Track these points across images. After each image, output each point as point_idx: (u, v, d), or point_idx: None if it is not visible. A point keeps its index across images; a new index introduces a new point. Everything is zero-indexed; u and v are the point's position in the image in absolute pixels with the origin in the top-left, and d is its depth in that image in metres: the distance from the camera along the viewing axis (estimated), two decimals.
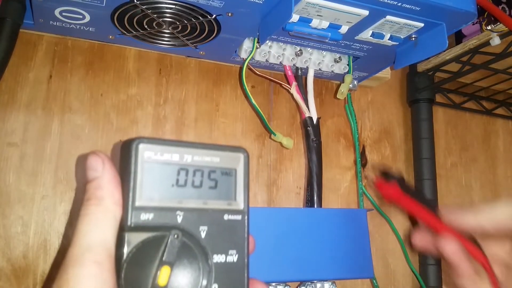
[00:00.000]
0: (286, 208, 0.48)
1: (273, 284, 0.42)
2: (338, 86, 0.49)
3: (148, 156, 0.27)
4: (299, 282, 0.44)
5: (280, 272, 0.41)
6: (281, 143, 0.47)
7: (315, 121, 0.46)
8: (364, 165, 0.54)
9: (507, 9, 0.53)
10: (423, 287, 0.51)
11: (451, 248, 0.31)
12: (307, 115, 0.46)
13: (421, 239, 0.33)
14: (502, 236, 0.31)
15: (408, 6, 0.36)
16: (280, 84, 0.48)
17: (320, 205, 0.45)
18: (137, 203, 0.26)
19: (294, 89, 0.46)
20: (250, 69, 0.46)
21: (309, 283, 0.44)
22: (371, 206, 0.52)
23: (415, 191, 0.35)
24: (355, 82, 0.51)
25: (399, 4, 0.35)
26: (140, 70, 0.46)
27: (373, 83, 0.55)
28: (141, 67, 0.46)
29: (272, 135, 0.47)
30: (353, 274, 0.45)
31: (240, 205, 0.30)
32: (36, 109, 0.42)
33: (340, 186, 0.52)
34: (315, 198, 0.45)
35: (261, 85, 0.51)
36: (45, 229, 0.40)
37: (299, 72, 0.47)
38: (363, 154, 0.54)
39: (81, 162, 0.42)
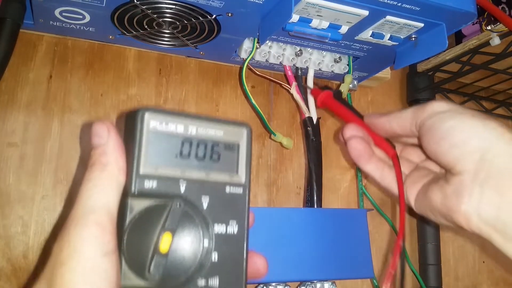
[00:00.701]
0: (286, 208, 0.48)
1: (273, 284, 0.42)
2: (338, 86, 0.49)
3: (153, 125, 0.27)
4: (299, 282, 0.44)
5: (280, 272, 0.41)
6: (281, 143, 0.47)
7: (315, 121, 0.46)
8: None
9: (507, 9, 0.53)
10: (423, 287, 0.51)
11: (351, 132, 0.35)
12: (307, 115, 0.46)
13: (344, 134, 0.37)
14: (411, 140, 0.35)
15: (408, 6, 0.36)
16: (280, 84, 0.48)
17: (320, 205, 0.45)
18: (141, 171, 0.26)
19: (294, 89, 0.46)
20: (250, 69, 0.46)
21: (309, 283, 0.44)
22: (371, 206, 0.52)
23: (346, 102, 0.39)
24: (355, 82, 0.51)
25: (399, 4, 0.35)
26: (140, 70, 0.46)
27: (373, 83, 0.55)
28: (141, 67, 0.46)
29: (272, 135, 0.47)
30: (353, 274, 0.45)
31: (242, 178, 0.30)
32: (36, 109, 0.42)
33: (340, 186, 0.52)
34: (315, 198, 0.45)
35: (261, 85, 0.51)
36: (45, 229, 0.40)
37: (299, 72, 0.47)
38: None
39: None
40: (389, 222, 0.52)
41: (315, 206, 0.45)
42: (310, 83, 0.47)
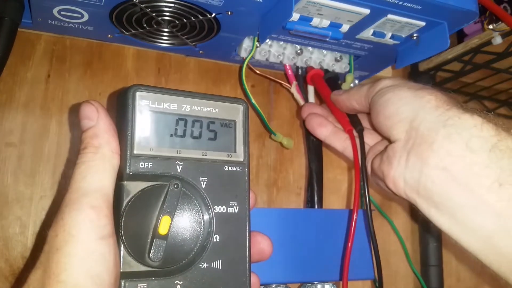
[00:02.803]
0: (286, 209, 0.47)
1: (273, 285, 0.42)
2: (340, 85, 0.49)
3: (145, 103, 0.27)
4: (299, 284, 0.44)
5: (280, 273, 0.41)
6: (281, 143, 0.47)
7: None
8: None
9: (508, 8, 0.53)
10: None
11: (307, 110, 0.41)
12: None
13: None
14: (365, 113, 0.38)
15: (409, 5, 0.35)
16: (281, 84, 0.48)
17: (320, 205, 0.45)
18: (136, 151, 0.26)
19: (294, 89, 0.46)
20: (250, 68, 0.46)
21: (310, 284, 0.43)
22: (372, 207, 0.51)
23: (335, 86, 0.42)
24: (356, 82, 0.51)
25: (401, 3, 0.35)
26: (139, 69, 0.46)
27: None
28: (140, 66, 0.46)
29: (272, 135, 0.46)
30: (354, 275, 0.45)
31: (240, 157, 0.29)
32: (34, 109, 0.41)
33: (341, 187, 0.52)
34: (316, 198, 0.45)
35: (261, 85, 0.51)
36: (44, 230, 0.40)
37: (300, 71, 0.47)
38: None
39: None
40: (390, 222, 0.52)
41: (316, 207, 0.45)
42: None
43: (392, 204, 0.53)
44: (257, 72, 0.46)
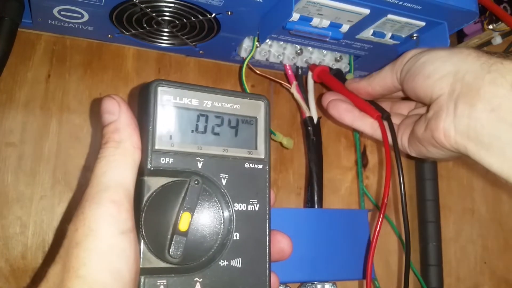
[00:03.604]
0: (286, 209, 0.47)
1: None
2: None
3: (167, 99, 0.26)
4: (299, 284, 0.44)
5: (280, 273, 0.41)
6: (281, 143, 0.47)
7: (315, 121, 0.46)
8: (365, 165, 0.54)
9: (508, 8, 0.53)
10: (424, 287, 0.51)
11: (329, 97, 0.41)
12: (307, 114, 0.46)
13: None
14: (393, 97, 0.39)
15: (409, 5, 0.35)
16: (281, 84, 0.48)
17: (320, 205, 0.45)
18: (157, 147, 0.26)
19: (294, 89, 0.46)
20: (250, 68, 0.46)
21: (310, 284, 0.43)
22: (372, 207, 0.51)
23: (340, 79, 0.42)
24: None
25: (401, 3, 0.35)
26: (139, 69, 0.46)
27: None
28: (140, 67, 0.46)
29: (272, 135, 0.46)
30: (354, 275, 0.45)
31: (261, 154, 0.29)
32: (34, 109, 0.41)
33: (341, 187, 0.52)
34: (316, 198, 0.45)
35: (261, 85, 0.51)
36: (44, 229, 0.40)
37: (300, 71, 0.47)
38: (364, 154, 0.54)
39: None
40: (390, 222, 0.52)
41: (316, 207, 0.45)
42: (310, 83, 0.46)
43: (392, 204, 0.53)
44: (257, 72, 0.46)
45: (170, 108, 0.27)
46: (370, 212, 0.49)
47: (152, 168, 0.25)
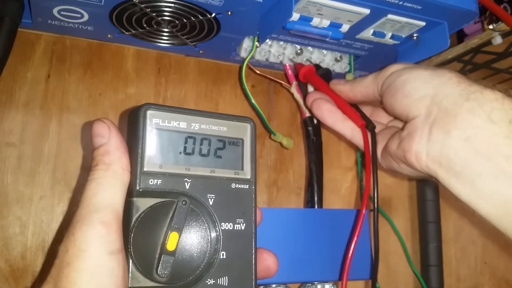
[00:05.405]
0: (286, 209, 0.47)
1: (273, 285, 0.42)
2: None
3: (156, 122, 0.27)
4: (299, 284, 0.44)
5: (280, 273, 0.40)
6: (281, 143, 0.47)
7: (315, 121, 0.46)
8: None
9: (508, 8, 0.53)
10: None
11: (313, 96, 0.40)
12: (307, 114, 0.46)
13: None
14: (372, 103, 0.40)
15: (409, 5, 0.35)
16: (281, 84, 0.48)
17: (320, 205, 0.45)
18: (146, 168, 0.26)
19: (294, 89, 0.46)
20: (250, 68, 0.46)
21: (310, 284, 0.43)
22: (372, 207, 0.51)
23: (328, 79, 0.42)
24: None
25: (401, 3, 0.35)
26: (139, 69, 0.46)
27: None
28: (140, 67, 0.46)
29: (272, 135, 0.46)
30: (354, 275, 0.45)
31: (247, 174, 0.30)
32: (34, 109, 0.41)
33: (341, 187, 0.52)
34: (316, 198, 0.45)
35: (261, 85, 0.50)
36: (43, 230, 0.40)
37: None
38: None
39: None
40: (390, 222, 0.52)
41: (316, 207, 0.45)
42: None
43: (392, 204, 0.53)
44: (257, 72, 0.46)
45: (158, 131, 0.27)
46: (370, 212, 0.49)
47: (140, 190, 0.26)
